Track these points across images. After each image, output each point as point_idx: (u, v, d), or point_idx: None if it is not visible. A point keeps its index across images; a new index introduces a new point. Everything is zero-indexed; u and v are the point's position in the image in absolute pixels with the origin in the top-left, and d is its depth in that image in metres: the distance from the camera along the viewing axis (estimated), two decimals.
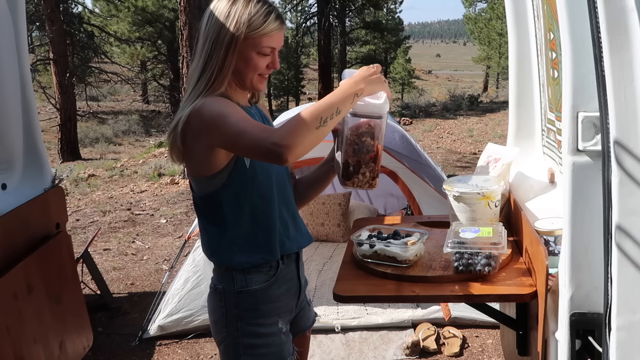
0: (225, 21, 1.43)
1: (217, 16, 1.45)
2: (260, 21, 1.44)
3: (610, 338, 0.93)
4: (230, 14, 1.43)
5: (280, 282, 1.57)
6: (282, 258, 1.56)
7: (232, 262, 1.53)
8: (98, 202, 7.01)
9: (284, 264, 1.57)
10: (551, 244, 1.28)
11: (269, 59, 1.49)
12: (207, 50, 1.45)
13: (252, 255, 1.51)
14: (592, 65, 0.91)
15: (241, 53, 1.44)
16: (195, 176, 1.49)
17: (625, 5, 0.84)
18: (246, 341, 1.54)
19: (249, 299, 1.53)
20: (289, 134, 1.30)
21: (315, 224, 4.61)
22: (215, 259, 1.56)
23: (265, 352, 1.55)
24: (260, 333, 1.54)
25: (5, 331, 1.99)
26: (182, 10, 7.72)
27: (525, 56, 1.66)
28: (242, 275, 1.52)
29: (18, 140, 2.39)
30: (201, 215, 1.55)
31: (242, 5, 1.44)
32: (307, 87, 29.64)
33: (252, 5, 1.44)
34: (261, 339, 1.54)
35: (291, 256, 1.61)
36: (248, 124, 1.35)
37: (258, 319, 1.54)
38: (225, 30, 1.43)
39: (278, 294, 1.57)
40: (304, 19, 23.49)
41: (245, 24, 1.42)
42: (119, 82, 20.34)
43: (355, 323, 3.28)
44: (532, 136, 1.69)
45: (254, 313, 1.53)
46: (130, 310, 3.74)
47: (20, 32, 2.33)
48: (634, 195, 0.89)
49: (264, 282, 1.53)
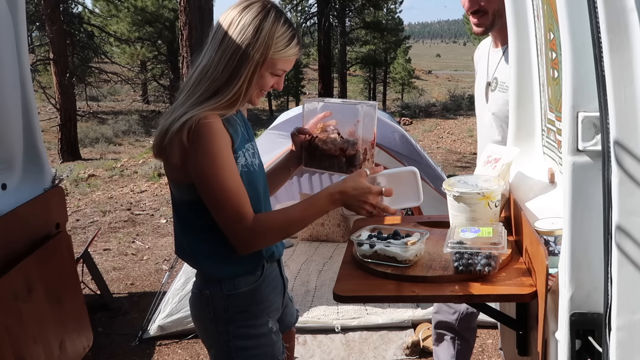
0: (256, 36, 1.37)
1: (245, 27, 1.37)
2: (284, 43, 1.41)
3: (610, 338, 0.93)
4: (261, 30, 1.37)
5: (267, 281, 1.57)
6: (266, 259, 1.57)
7: (214, 273, 1.50)
8: (98, 202, 7.00)
9: (268, 263, 1.57)
10: (551, 244, 1.28)
11: (277, 79, 1.47)
12: (233, 62, 1.38)
13: (234, 266, 1.49)
14: (592, 65, 0.91)
15: None
16: (175, 181, 1.45)
17: (625, 5, 0.84)
18: (238, 344, 1.51)
19: (239, 302, 1.51)
20: (256, 240, 1.41)
21: (315, 224, 4.61)
22: (198, 267, 1.53)
23: (258, 354, 1.53)
24: (252, 335, 1.52)
25: (5, 331, 1.99)
26: (182, 10, 7.71)
27: (525, 56, 1.66)
28: (230, 279, 1.50)
29: (18, 140, 2.38)
30: (181, 219, 1.51)
31: (272, 23, 1.38)
32: (307, 87, 29.65)
33: (279, 24, 1.40)
34: (252, 341, 1.53)
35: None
36: (230, 194, 1.36)
37: (248, 320, 1.52)
38: (257, 47, 1.37)
39: (266, 294, 1.56)
40: (304, 19, 23.47)
41: (272, 44, 1.38)
42: (119, 82, 20.35)
43: (355, 323, 3.28)
44: (532, 136, 1.69)
45: (244, 315, 1.52)
46: (130, 310, 3.74)
47: (20, 32, 2.33)
48: (634, 195, 0.89)
49: (252, 284, 1.52)
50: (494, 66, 2.08)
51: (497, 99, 2.05)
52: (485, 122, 2.13)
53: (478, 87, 2.21)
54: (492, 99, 2.08)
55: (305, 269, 4.08)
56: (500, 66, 2.05)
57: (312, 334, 3.22)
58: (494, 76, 2.08)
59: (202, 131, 1.34)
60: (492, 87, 2.08)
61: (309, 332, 3.24)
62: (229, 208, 1.37)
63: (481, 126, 2.20)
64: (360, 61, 27.13)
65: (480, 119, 2.20)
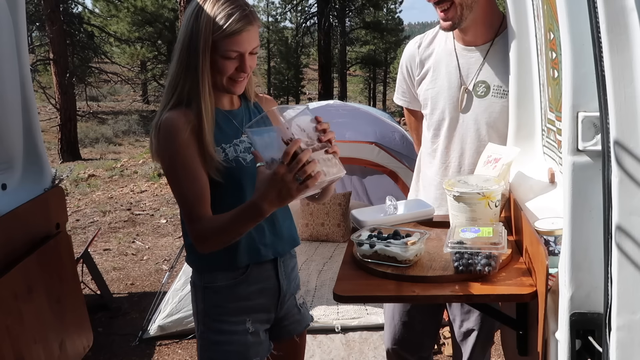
0: (196, 22, 1.36)
1: (188, 18, 1.38)
2: (223, 22, 1.35)
3: (610, 338, 0.93)
4: (199, 15, 1.36)
5: (252, 280, 1.53)
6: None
7: (193, 263, 1.55)
8: (98, 202, 7.01)
9: (255, 264, 1.53)
10: (551, 244, 1.28)
11: (235, 62, 1.39)
12: (183, 55, 1.39)
13: (209, 259, 1.48)
14: (592, 65, 0.91)
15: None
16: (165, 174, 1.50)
17: (625, 5, 0.84)
18: (211, 336, 1.52)
19: (214, 295, 1.51)
20: (200, 243, 1.39)
21: (315, 224, 4.62)
22: (186, 257, 1.58)
23: (229, 350, 1.52)
24: (224, 330, 1.51)
25: (5, 331, 1.99)
26: (182, 11, 7.72)
27: (525, 56, 1.66)
28: (208, 272, 1.51)
29: (18, 140, 2.38)
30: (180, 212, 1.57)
31: (211, 6, 1.35)
32: (307, 87, 29.64)
33: (217, 4, 1.35)
34: (224, 336, 1.52)
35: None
36: (183, 195, 1.39)
37: (223, 315, 1.52)
38: (199, 33, 1.36)
39: (248, 293, 1.53)
40: (304, 19, 23.49)
41: (212, 25, 1.35)
42: (119, 82, 20.36)
43: (355, 323, 3.28)
44: (532, 136, 1.69)
45: (219, 310, 1.51)
46: (130, 310, 3.74)
47: (20, 32, 2.33)
48: (634, 195, 0.89)
49: (231, 279, 1.51)
50: (474, 69, 1.83)
51: (488, 106, 1.81)
52: (462, 132, 1.86)
53: (440, 92, 1.89)
54: (479, 106, 1.83)
55: (305, 269, 4.08)
56: (485, 69, 1.82)
57: (312, 334, 3.22)
58: (476, 80, 1.82)
59: (162, 132, 1.39)
60: (478, 92, 1.82)
61: (309, 332, 3.22)
62: (183, 208, 1.41)
63: (444, 137, 1.89)
64: (360, 61, 27.14)
65: (439, 129, 1.91)
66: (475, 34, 1.83)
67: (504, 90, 1.79)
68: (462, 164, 1.89)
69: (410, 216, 1.75)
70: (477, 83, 1.83)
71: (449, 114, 1.87)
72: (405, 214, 1.76)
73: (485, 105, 1.82)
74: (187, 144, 1.38)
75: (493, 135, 1.82)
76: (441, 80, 1.89)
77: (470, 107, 1.84)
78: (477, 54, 1.84)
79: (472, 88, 1.83)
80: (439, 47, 1.92)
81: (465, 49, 1.86)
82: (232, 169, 1.44)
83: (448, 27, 1.78)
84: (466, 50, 1.85)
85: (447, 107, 1.87)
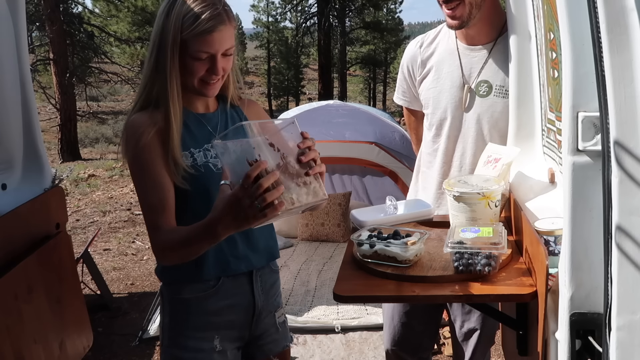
0: (166, 22, 1.29)
1: (159, 19, 1.32)
2: (192, 21, 1.27)
3: (610, 338, 0.93)
4: (168, 15, 1.29)
5: (223, 295, 1.43)
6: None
7: (158, 273, 1.46)
8: (98, 202, 7.01)
9: (227, 277, 1.43)
10: (551, 244, 1.28)
11: (205, 64, 1.31)
12: (153, 56, 1.33)
13: (172, 271, 1.40)
14: (592, 65, 0.91)
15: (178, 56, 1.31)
16: None
17: (625, 5, 0.84)
18: (175, 352, 1.43)
19: (179, 308, 1.42)
20: (159, 254, 1.30)
21: (315, 224, 4.62)
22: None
23: None
24: (188, 346, 1.41)
25: (5, 331, 1.99)
26: None
27: (526, 56, 1.66)
28: (173, 284, 1.42)
29: (18, 140, 2.39)
30: None
31: (180, 5, 1.29)
32: (307, 87, 29.64)
33: (186, 3, 1.28)
34: (188, 353, 1.41)
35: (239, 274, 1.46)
36: (144, 203, 1.32)
37: (187, 330, 1.41)
38: (167, 33, 1.29)
39: (217, 308, 1.43)
40: (304, 19, 23.50)
41: (180, 25, 1.28)
42: (119, 82, 20.31)
43: (355, 323, 3.28)
44: (532, 136, 1.69)
45: (184, 324, 1.42)
46: (130, 310, 3.74)
47: (20, 32, 2.33)
48: (634, 195, 0.89)
49: (198, 292, 1.40)
50: (477, 68, 1.82)
51: (490, 105, 1.81)
52: (464, 131, 1.85)
53: (442, 91, 1.88)
54: (481, 105, 1.82)
55: (305, 269, 4.08)
56: (487, 68, 1.81)
57: (312, 334, 3.22)
58: (478, 79, 1.82)
59: (126, 133, 1.35)
60: (480, 91, 1.81)
61: (309, 332, 3.24)
62: (143, 214, 1.33)
63: (445, 137, 1.88)
64: (360, 61, 27.15)
65: (441, 128, 1.89)
66: (479, 33, 1.82)
67: (506, 90, 1.77)
68: (464, 163, 1.88)
69: (410, 216, 1.75)
70: (480, 82, 1.82)
71: (451, 113, 1.86)
72: (405, 214, 1.76)
73: (488, 105, 1.81)
74: (150, 147, 1.31)
75: (495, 134, 1.81)
76: (443, 80, 1.87)
77: (473, 107, 1.83)
78: (479, 53, 1.83)
79: (474, 87, 1.82)
80: (441, 47, 1.91)
81: (468, 48, 1.85)
82: (200, 175, 1.35)
83: (456, 25, 1.76)
84: (469, 49, 1.85)
85: (449, 107, 1.86)
